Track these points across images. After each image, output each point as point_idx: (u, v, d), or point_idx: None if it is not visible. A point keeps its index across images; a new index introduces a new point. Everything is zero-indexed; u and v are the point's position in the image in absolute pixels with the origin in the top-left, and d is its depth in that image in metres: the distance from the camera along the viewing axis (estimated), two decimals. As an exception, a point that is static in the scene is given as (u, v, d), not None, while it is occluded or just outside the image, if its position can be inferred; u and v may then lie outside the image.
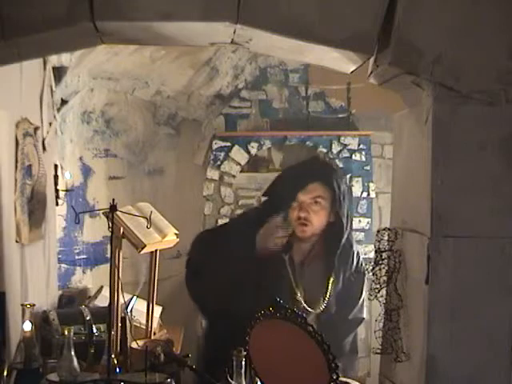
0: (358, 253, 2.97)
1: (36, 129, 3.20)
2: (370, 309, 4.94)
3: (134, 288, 4.23)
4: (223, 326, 2.66)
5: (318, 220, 2.79)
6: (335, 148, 5.05)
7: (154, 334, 3.27)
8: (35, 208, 3.16)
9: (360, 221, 5.11)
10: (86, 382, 2.24)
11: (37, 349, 2.36)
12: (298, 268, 2.81)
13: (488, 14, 2.10)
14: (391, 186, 2.69)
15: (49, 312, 3.11)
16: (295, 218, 2.77)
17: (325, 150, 5.11)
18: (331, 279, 2.83)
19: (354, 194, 5.08)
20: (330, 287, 2.82)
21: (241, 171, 5.13)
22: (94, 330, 3.00)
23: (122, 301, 2.78)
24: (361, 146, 5.11)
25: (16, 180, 2.91)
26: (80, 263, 4.50)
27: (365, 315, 3.02)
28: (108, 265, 2.59)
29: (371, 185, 5.12)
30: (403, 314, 2.34)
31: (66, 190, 3.97)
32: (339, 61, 2.31)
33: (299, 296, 2.78)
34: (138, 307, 3.38)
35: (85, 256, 4.55)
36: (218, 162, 5.08)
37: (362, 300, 2.97)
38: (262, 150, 5.15)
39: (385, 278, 2.43)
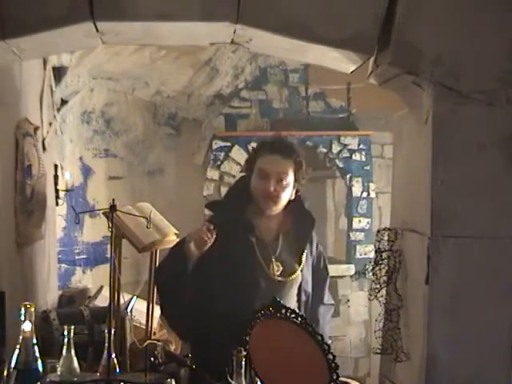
0: (315, 238, 2.97)
1: (36, 129, 3.20)
2: (370, 309, 4.99)
3: (134, 288, 4.23)
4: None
5: (282, 192, 2.73)
6: (335, 148, 5.05)
7: (154, 333, 3.27)
8: (35, 208, 3.15)
9: (360, 221, 5.12)
10: (85, 382, 2.24)
11: (37, 349, 2.36)
12: (269, 245, 2.78)
13: (488, 15, 2.10)
14: (391, 185, 2.69)
15: (49, 312, 3.11)
16: (262, 192, 2.71)
17: (325, 150, 5.12)
18: (303, 252, 2.82)
19: (353, 194, 5.10)
20: (303, 260, 2.81)
21: (241, 171, 5.13)
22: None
23: (122, 301, 2.78)
24: (361, 146, 5.12)
25: (16, 180, 2.91)
26: (80, 263, 4.51)
27: (333, 302, 3.01)
28: (108, 265, 2.59)
29: (371, 185, 5.12)
30: (403, 314, 2.34)
31: (66, 190, 3.97)
32: (339, 61, 2.31)
33: (274, 268, 2.75)
34: (138, 307, 3.37)
35: (85, 256, 4.55)
36: (218, 162, 5.08)
37: (327, 285, 2.96)
38: (262, 150, 5.15)
39: (385, 278, 2.43)
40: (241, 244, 2.70)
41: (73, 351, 2.26)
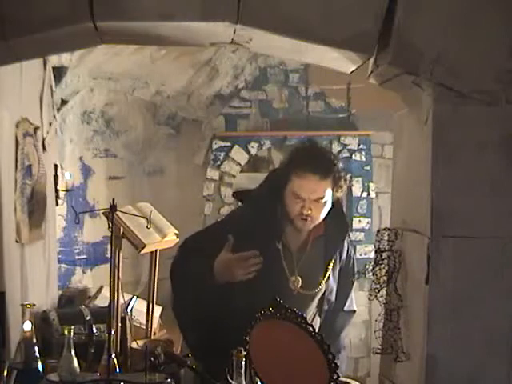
0: (350, 241, 2.94)
1: (36, 129, 3.20)
2: (370, 309, 4.99)
3: (134, 288, 4.23)
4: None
5: (319, 213, 2.70)
6: (335, 148, 5.05)
7: (154, 334, 3.27)
8: (35, 208, 3.16)
9: (360, 221, 5.12)
10: (86, 382, 2.24)
11: (37, 349, 2.36)
12: (295, 254, 2.76)
13: (488, 14, 2.10)
14: (391, 185, 2.69)
15: (49, 312, 3.11)
16: (296, 213, 2.67)
17: (325, 150, 5.12)
18: (332, 261, 2.78)
19: (353, 194, 5.10)
20: (329, 270, 2.78)
21: (241, 171, 5.13)
22: (94, 330, 2.99)
23: (121, 301, 2.78)
24: (361, 146, 5.12)
25: (16, 180, 2.91)
26: (80, 263, 4.50)
27: (355, 307, 2.99)
28: (108, 265, 2.59)
29: (371, 185, 5.12)
30: (403, 314, 2.34)
31: (66, 190, 3.97)
32: (339, 61, 2.31)
33: (295, 281, 2.72)
34: (138, 307, 3.37)
35: (85, 256, 4.55)
36: (218, 162, 5.08)
37: (352, 291, 2.94)
38: (261, 150, 5.16)
39: (385, 278, 2.43)
40: (265, 251, 2.62)
41: (73, 351, 2.26)
